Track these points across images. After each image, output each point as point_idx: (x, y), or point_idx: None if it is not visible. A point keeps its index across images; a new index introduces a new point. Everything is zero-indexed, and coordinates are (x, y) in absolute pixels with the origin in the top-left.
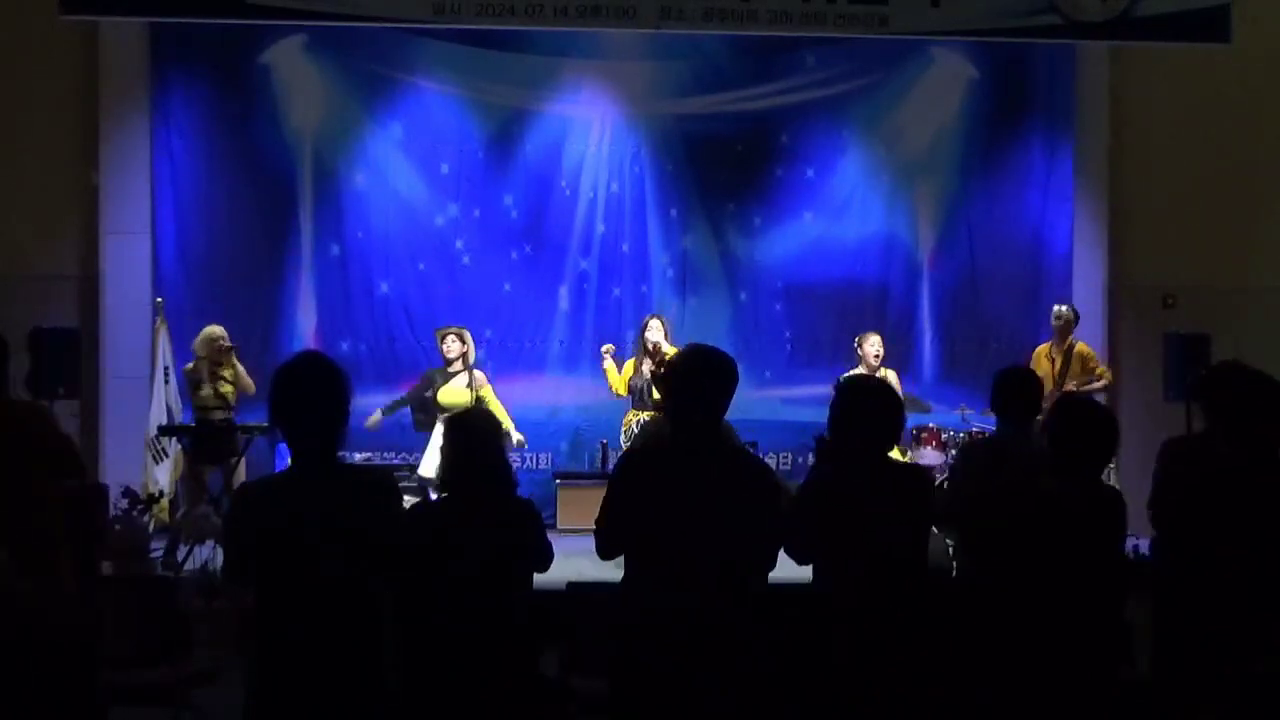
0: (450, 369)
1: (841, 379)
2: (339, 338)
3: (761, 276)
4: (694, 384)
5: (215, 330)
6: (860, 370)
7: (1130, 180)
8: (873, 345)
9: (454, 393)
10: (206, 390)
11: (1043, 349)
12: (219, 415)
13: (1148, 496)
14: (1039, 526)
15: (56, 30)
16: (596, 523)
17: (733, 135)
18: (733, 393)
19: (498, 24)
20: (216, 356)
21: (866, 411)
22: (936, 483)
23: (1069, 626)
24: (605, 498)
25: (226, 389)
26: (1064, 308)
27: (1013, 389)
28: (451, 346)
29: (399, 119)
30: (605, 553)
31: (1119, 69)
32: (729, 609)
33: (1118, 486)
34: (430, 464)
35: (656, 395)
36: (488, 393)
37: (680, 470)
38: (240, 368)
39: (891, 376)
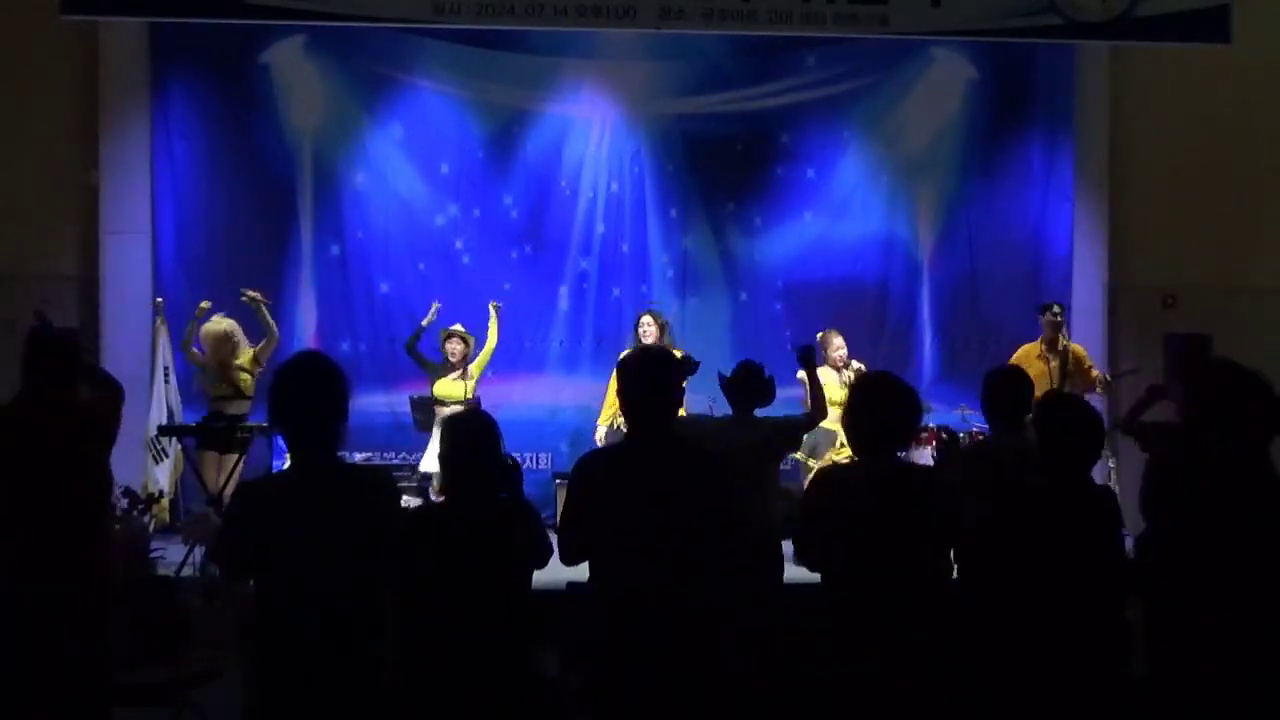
0: (450, 368)
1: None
2: (339, 338)
3: (761, 276)
4: (643, 384)
5: (220, 328)
6: (828, 369)
7: (1130, 180)
8: (837, 348)
9: (449, 385)
10: (220, 385)
11: (1032, 349)
12: (231, 408)
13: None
14: (1033, 526)
15: (56, 30)
16: (558, 527)
17: (733, 135)
18: (681, 389)
19: (497, 24)
20: (229, 356)
21: (878, 410)
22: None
23: (1069, 627)
24: (564, 502)
25: (243, 377)
26: (1058, 306)
27: (1005, 391)
28: (455, 349)
29: (399, 119)
30: (567, 557)
31: (1119, 69)
32: (691, 606)
33: (1116, 487)
34: (432, 460)
35: None
36: (478, 367)
37: (634, 470)
38: (252, 350)
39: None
